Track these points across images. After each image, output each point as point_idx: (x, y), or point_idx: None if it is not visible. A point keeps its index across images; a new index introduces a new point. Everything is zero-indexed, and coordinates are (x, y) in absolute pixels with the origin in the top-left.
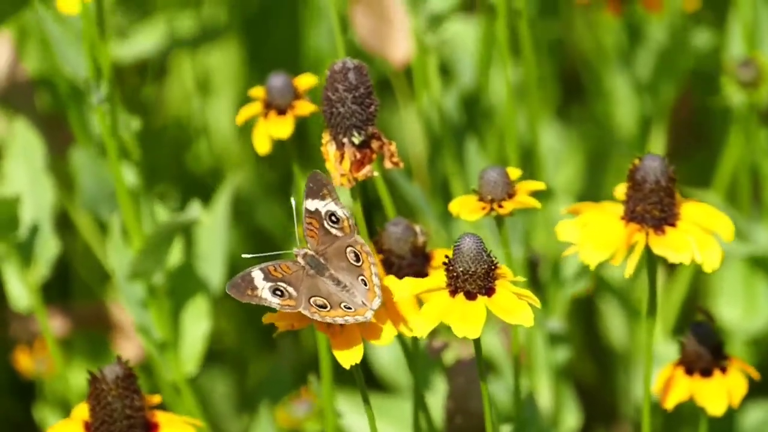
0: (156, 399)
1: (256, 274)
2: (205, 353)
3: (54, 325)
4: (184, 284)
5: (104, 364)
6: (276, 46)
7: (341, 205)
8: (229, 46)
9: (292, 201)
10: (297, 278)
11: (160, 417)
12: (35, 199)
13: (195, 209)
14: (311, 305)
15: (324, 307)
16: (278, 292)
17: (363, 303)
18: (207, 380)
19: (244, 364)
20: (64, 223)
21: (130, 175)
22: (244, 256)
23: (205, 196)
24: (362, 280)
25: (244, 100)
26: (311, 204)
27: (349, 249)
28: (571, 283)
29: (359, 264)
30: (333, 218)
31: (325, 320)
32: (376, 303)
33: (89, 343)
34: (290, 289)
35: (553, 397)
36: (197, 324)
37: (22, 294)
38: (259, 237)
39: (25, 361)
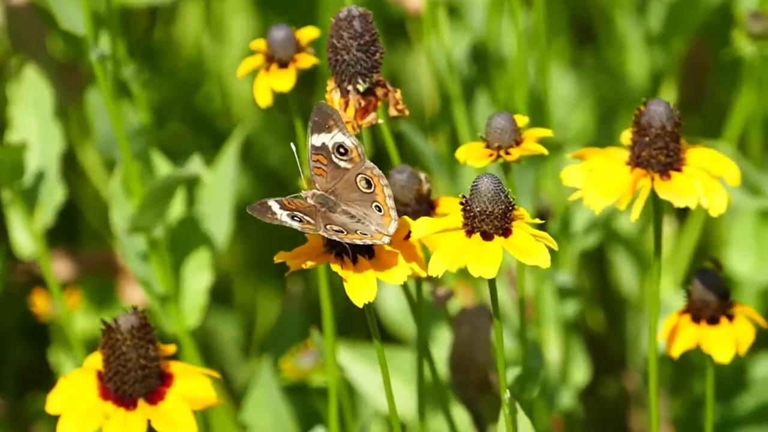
0: (171, 349)
1: (272, 203)
2: (206, 305)
3: (61, 269)
4: (186, 237)
5: (110, 309)
6: None
7: (349, 134)
8: None
9: (293, 146)
10: (311, 212)
11: (175, 367)
12: (43, 147)
13: (196, 163)
14: (329, 230)
15: (341, 232)
16: (296, 219)
17: (378, 231)
18: (214, 324)
19: (252, 309)
20: (73, 168)
21: (134, 119)
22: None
23: (215, 136)
24: (376, 206)
25: (254, 41)
26: (317, 139)
27: (359, 177)
28: (582, 236)
29: (371, 190)
30: (341, 150)
31: (343, 241)
32: (393, 226)
33: (96, 289)
34: (307, 218)
35: (562, 351)
36: (199, 276)
37: (26, 241)
38: (269, 178)
39: (41, 304)
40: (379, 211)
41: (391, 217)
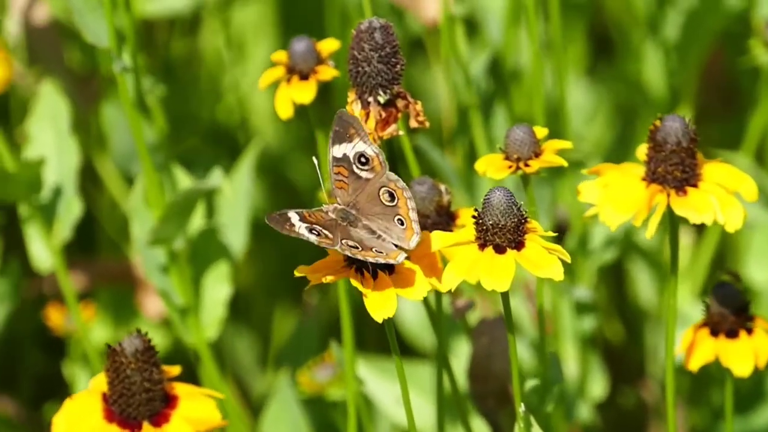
0: (175, 370)
1: (292, 215)
2: (225, 318)
3: (78, 280)
4: (205, 249)
5: (128, 320)
6: (307, 2)
7: (370, 142)
8: (261, 1)
9: (315, 160)
10: (330, 225)
11: (180, 389)
12: (60, 161)
13: (217, 176)
14: (344, 245)
15: (355, 248)
16: (314, 232)
17: (395, 247)
18: (232, 333)
19: (269, 320)
20: (91, 178)
21: (150, 135)
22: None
23: (234, 149)
24: (399, 220)
25: (276, 53)
26: (338, 150)
27: (382, 190)
28: (600, 252)
29: (394, 203)
30: (362, 159)
31: (356, 257)
32: (414, 240)
33: (113, 299)
34: (326, 232)
35: (579, 366)
36: (218, 288)
37: (44, 255)
38: (287, 190)
39: (56, 318)
40: (402, 224)
41: (413, 230)
